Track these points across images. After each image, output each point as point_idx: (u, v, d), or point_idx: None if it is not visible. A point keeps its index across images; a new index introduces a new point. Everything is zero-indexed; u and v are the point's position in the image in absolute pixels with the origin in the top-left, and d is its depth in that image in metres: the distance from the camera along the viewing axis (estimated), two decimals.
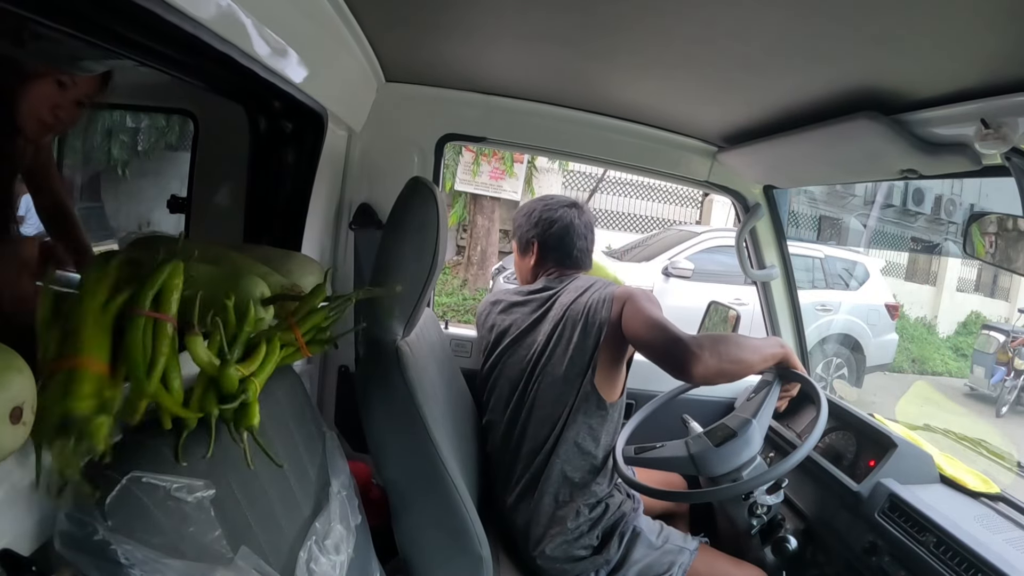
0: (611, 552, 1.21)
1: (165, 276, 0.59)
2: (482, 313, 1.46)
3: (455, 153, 6.06)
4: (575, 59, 1.10)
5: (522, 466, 1.25)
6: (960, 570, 0.97)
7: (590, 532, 1.22)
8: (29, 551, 0.50)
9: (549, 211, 1.39)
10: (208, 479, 0.61)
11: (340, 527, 0.80)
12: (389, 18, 1.03)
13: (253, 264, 0.82)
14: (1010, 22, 0.65)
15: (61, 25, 0.59)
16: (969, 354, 7.59)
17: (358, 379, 1.04)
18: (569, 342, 1.23)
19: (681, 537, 1.27)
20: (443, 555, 1.02)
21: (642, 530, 1.24)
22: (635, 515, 1.26)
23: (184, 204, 1.41)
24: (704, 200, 8.14)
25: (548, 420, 1.24)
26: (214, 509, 0.59)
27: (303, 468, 0.81)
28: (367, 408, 0.99)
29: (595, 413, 1.23)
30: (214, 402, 0.63)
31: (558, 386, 1.23)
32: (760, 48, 0.86)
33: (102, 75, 1.11)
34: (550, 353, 1.26)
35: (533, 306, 1.35)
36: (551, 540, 1.20)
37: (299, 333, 0.76)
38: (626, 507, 1.27)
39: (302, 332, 0.76)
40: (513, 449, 1.27)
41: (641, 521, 1.26)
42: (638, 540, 1.23)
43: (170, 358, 0.58)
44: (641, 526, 1.25)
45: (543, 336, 1.29)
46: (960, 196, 8.97)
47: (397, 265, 0.96)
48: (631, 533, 1.23)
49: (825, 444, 1.37)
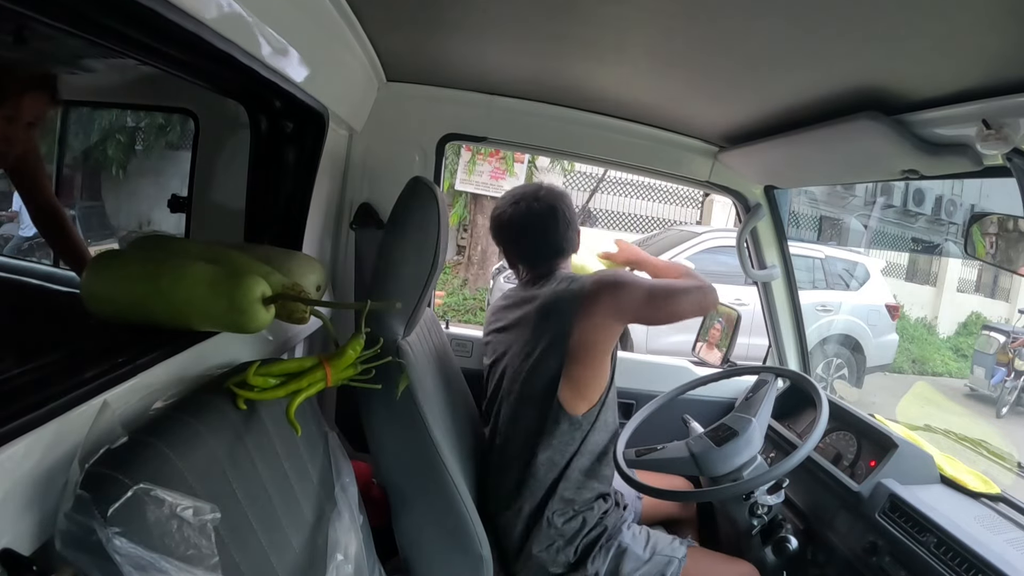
0: (592, 568, 1.15)
1: None
2: (489, 311, 1.44)
3: (455, 153, 6.06)
4: (576, 59, 1.10)
5: (504, 479, 1.21)
6: (960, 570, 0.97)
7: (566, 548, 1.16)
8: (30, 551, 0.50)
9: (500, 213, 1.30)
10: (208, 477, 0.61)
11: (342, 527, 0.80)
12: (390, 18, 1.03)
13: (254, 263, 0.82)
14: (1012, 22, 0.65)
15: (62, 24, 0.59)
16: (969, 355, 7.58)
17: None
18: (537, 356, 1.17)
19: (668, 543, 1.22)
20: (443, 555, 1.02)
21: (628, 544, 1.18)
22: (620, 528, 1.20)
23: (185, 203, 1.41)
24: (704, 200, 8.13)
25: (520, 437, 1.18)
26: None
27: (304, 468, 0.81)
28: (367, 408, 0.99)
29: (565, 431, 1.16)
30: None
31: (526, 405, 1.18)
32: (761, 48, 0.86)
33: (49, 91, 1.14)
34: (519, 367, 1.20)
35: (514, 313, 1.28)
36: (527, 557, 1.16)
37: (330, 371, 0.78)
38: (610, 519, 1.20)
39: (332, 373, 0.78)
40: (495, 464, 1.23)
41: (626, 535, 1.20)
42: (625, 555, 1.17)
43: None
44: (627, 540, 1.19)
45: (516, 347, 1.23)
46: (961, 197, 8.97)
47: (398, 265, 0.96)
48: (616, 548, 1.17)
49: (825, 444, 1.37)
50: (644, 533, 1.23)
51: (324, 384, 0.78)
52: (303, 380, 0.76)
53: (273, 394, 0.74)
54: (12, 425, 0.50)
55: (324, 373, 0.77)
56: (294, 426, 0.76)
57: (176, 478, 0.57)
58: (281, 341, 1.05)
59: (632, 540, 1.19)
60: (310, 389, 0.77)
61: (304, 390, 0.76)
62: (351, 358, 0.80)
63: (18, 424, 0.51)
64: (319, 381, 0.77)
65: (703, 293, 1.19)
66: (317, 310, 0.84)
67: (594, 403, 1.18)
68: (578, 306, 1.14)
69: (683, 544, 1.22)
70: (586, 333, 1.13)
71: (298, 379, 0.76)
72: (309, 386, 0.76)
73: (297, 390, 0.75)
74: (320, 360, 0.78)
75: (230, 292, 0.72)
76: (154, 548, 0.52)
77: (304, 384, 0.76)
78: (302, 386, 0.76)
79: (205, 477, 0.61)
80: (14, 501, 0.50)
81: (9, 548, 0.46)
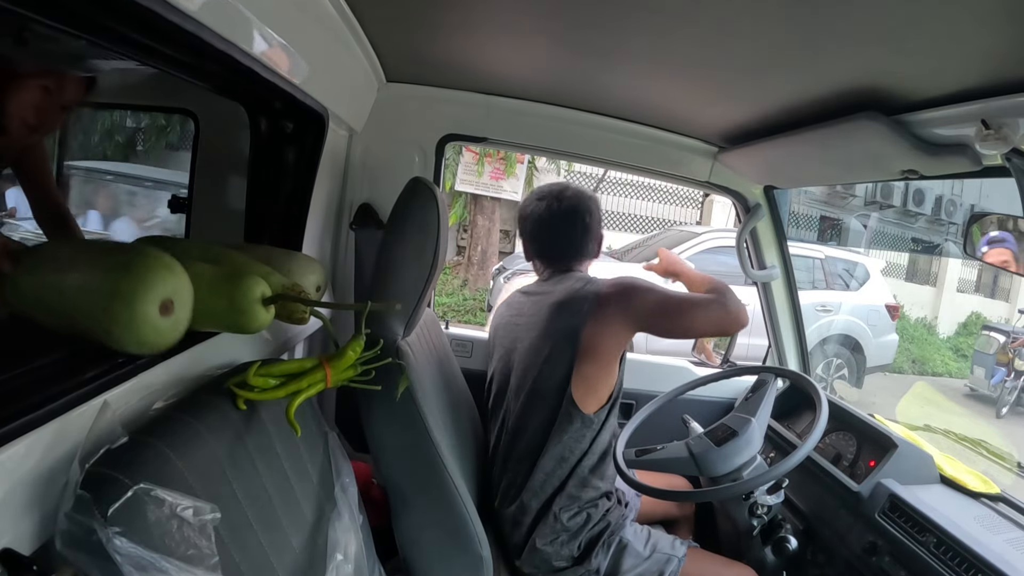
0: (595, 563, 1.17)
1: None
2: (495, 312, 1.44)
3: (455, 153, 6.06)
4: (576, 59, 1.10)
5: (510, 474, 1.22)
6: (960, 570, 0.97)
7: (571, 542, 1.18)
8: (30, 551, 0.50)
9: (524, 206, 1.34)
10: (208, 477, 0.61)
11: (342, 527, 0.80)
12: (390, 18, 1.03)
13: (254, 264, 0.82)
14: (1011, 23, 0.65)
15: (61, 24, 0.59)
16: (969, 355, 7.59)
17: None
18: (548, 352, 1.18)
19: (669, 543, 1.23)
20: (443, 555, 1.02)
21: (629, 540, 1.20)
22: (622, 524, 1.22)
23: (185, 204, 1.41)
24: (704, 200, 8.14)
25: (529, 432, 1.20)
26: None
27: (304, 468, 0.81)
28: (367, 409, 0.99)
29: (577, 428, 1.17)
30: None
31: (537, 399, 1.19)
32: (761, 48, 0.86)
33: (87, 79, 1.11)
34: (531, 361, 1.21)
35: (528, 307, 1.29)
36: (531, 551, 1.18)
37: (330, 372, 0.78)
38: (613, 516, 1.22)
39: (332, 373, 0.79)
40: (501, 458, 1.25)
41: (627, 531, 1.21)
42: (626, 551, 1.19)
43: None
44: (628, 537, 1.20)
45: (526, 344, 1.24)
46: (960, 197, 8.98)
47: (398, 265, 0.96)
48: (617, 544, 1.19)
49: (825, 444, 1.38)
50: (645, 531, 1.24)
51: (324, 385, 0.78)
52: (303, 381, 0.76)
53: (273, 395, 0.74)
54: (12, 425, 0.50)
55: (324, 374, 0.78)
56: (294, 427, 0.76)
57: (176, 478, 0.57)
58: (281, 341, 1.05)
59: (633, 537, 1.21)
60: (310, 390, 0.77)
61: (304, 391, 0.76)
62: (351, 359, 0.80)
63: (18, 424, 0.51)
64: (319, 382, 0.77)
65: (724, 311, 1.16)
66: (317, 310, 0.84)
67: (604, 402, 1.19)
68: (591, 307, 1.16)
69: (683, 544, 1.23)
70: (595, 335, 1.15)
71: (298, 380, 0.76)
72: (309, 387, 0.76)
73: (297, 391, 0.75)
74: (320, 361, 0.79)
75: (230, 292, 0.72)
76: (154, 548, 0.52)
77: (304, 385, 0.76)
78: (302, 387, 0.76)
79: (205, 477, 0.61)
80: (14, 501, 0.50)
81: (9, 548, 0.46)
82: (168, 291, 0.59)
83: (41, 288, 0.61)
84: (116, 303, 0.57)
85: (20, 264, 0.63)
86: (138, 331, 0.57)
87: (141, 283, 0.58)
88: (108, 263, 0.60)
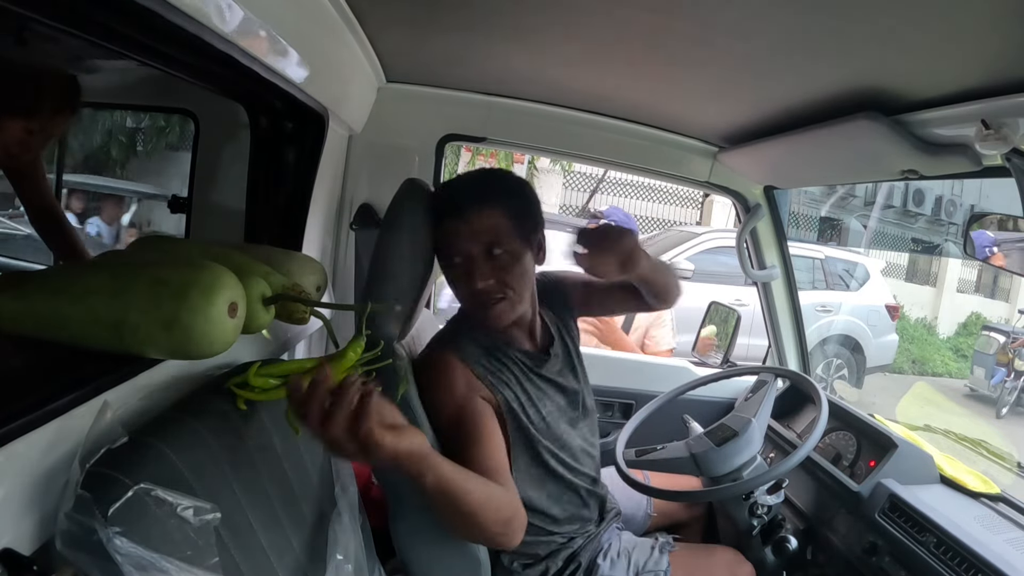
0: None
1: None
2: None
3: (455, 153, 6.06)
4: (575, 59, 1.10)
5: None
6: (960, 570, 0.97)
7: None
8: (30, 551, 0.50)
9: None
10: (209, 477, 0.61)
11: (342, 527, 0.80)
12: (390, 18, 1.03)
13: (254, 264, 0.82)
14: (1011, 23, 0.65)
15: (61, 24, 0.59)
16: (969, 355, 7.60)
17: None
18: None
19: (650, 558, 1.10)
20: (441, 557, 1.01)
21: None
22: (596, 561, 1.08)
23: (185, 204, 1.41)
24: (704, 201, 8.14)
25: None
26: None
27: (304, 468, 0.81)
28: None
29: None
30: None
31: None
32: (761, 48, 0.86)
33: (73, 105, 1.16)
34: None
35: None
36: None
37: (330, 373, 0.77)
38: (584, 556, 1.07)
39: (332, 374, 0.78)
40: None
41: (603, 567, 1.07)
42: None
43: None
44: (605, 572, 1.06)
45: None
46: (960, 197, 8.98)
47: (393, 266, 0.96)
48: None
49: (825, 444, 1.37)
50: (624, 558, 1.10)
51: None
52: (303, 381, 0.76)
53: (273, 395, 0.74)
54: (12, 425, 0.50)
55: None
56: (294, 427, 0.76)
57: (176, 478, 0.57)
58: (281, 342, 1.05)
59: (610, 570, 1.08)
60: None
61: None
62: (352, 360, 0.80)
63: (18, 424, 0.51)
64: None
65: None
66: (317, 311, 0.84)
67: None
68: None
69: (664, 553, 1.12)
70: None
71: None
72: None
73: None
74: (320, 361, 0.78)
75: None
76: (154, 548, 0.52)
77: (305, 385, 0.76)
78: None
79: (205, 477, 0.61)
80: (14, 501, 0.50)
81: (9, 548, 0.46)
82: (235, 295, 0.66)
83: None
84: (191, 305, 0.62)
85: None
86: (211, 332, 0.63)
87: (211, 288, 0.63)
88: (173, 276, 0.65)
